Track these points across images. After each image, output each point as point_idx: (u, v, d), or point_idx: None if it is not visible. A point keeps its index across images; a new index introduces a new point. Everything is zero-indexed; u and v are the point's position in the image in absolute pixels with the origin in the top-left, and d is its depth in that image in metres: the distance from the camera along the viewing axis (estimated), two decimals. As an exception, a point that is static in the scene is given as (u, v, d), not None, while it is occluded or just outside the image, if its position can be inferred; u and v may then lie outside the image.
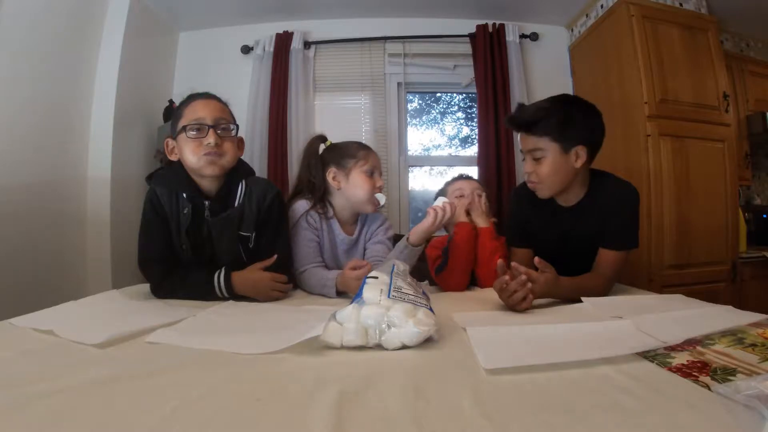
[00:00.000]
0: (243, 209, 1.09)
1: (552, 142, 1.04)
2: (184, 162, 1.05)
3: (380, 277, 0.71)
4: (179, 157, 1.07)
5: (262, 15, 2.51)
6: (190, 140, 1.02)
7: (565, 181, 1.07)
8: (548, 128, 1.03)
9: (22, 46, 1.67)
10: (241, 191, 1.10)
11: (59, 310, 0.83)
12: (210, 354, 0.59)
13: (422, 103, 2.91)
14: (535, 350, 0.59)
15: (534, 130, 1.06)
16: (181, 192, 1.06)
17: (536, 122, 1.05)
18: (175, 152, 1.08)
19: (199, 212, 1.06)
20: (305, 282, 1.16)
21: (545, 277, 0.89)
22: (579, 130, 1.04)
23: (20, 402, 0.42)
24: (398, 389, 0.47)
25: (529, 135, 1.07)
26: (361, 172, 1.20)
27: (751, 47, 2.69)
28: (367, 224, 1.29)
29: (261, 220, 1.10)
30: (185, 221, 1.05)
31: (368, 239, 1.28)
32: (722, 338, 0.62)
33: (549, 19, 2.57)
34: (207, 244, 1.07)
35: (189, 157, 1.03)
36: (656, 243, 1.88)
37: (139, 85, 2.25)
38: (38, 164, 1.77)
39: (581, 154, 1.04)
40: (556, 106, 1.05)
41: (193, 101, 1.06)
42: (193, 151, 1.02)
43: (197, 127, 1.02)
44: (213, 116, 1.04)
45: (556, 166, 1.05)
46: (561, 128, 1.03)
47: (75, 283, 1.97)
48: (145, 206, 1.07)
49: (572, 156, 1.04)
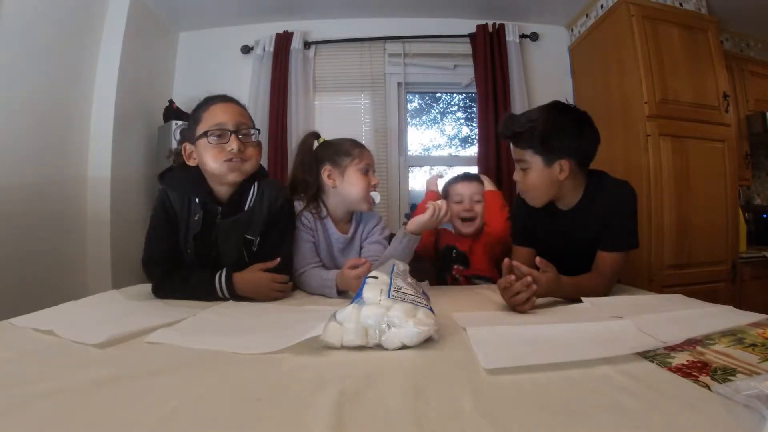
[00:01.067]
0: (253, 213, 1.07)
1: (535, 155, 1.05)
2: (205, 168, 1.03)
3: (380, 277, 0.71)
4: (198, 163, 1.04)
5: (262, 15, 2.51)
6: (211, 146, 1.00)
7: (549, 192, 1.08)
8: (531, 141, 1.04)
9: (22, 46, 1.67)
10: (253, 194, 1.08)
11: (59, 310, 0.83)
12: (210, 354, 0.59)
13: (422, 103, 2.91)
14: (535, 350, 0.58)
15: (518, 142, 1.07)
16: (193, 197, 1.05)
17: (520, 134, 1.06)
18: (194, 157, 1.05)
19: (210, 218, 1.04)
20: (305, 283, 1.15)
21: (547, 277, 0.90)
22: (564, 143, 1.03)
23: (20, 402, 0.42)
24: (398, 389, 0.47)
25: (514, 146, 1.09)
26: (356, 170, 1.19)
27: (751, 47, 2.69)
28: (362, 223, 1.28)
29: (268, 224, 1.08)
30: (195, 227, 1.03)
31: (364, 238, 1.27)
32: (722, 338, 0.62)
33: (549, 19, 2.57)
34: (212, 248, 1.06)
35: (210, 163, 1.00)
36: (656, 243, 1.88)
37: (139, 85, 2.25)
38: (38, 164, 1.77)
39: (564, 168, 1.04)
40: (543, 118, 1.04)
41: (211, 105, 1.03)
42: (215, 158, 1.00)
43: (218, 132, 1.00)
44: (234, 121, 1.02)
45: (540, 178, 1.06)
46: (544, 142, 1.03)
47: (75, 283, 1.97)
48: (156, 206, 1.06)
49: (555, 169, 1.04)
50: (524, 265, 0.88)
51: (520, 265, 0.88)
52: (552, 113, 1.06)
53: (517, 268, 0.87)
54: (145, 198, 2.33)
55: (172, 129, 2.17)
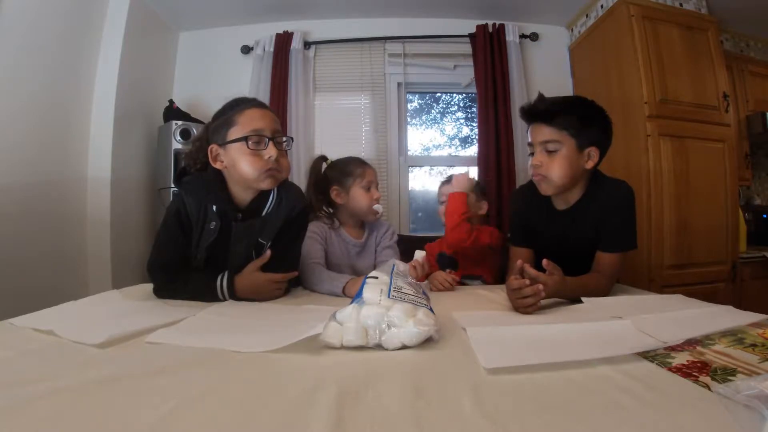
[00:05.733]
0: (269, 218, 1.06)
1: (570, 137, 1.03)
2: (235, 172, 1.00)
3: (380, 277, 0.71)
4: (226, 166, 1.01)
5: (262, 15, 2.51)
6: (248, 152, 0.97)
7: (573, 179, 1.06)
8: (569, 122, 1.03)
9: (22, 45, 1.67)
10: (272, 200, 1.06)
11: (59, 310, 0.83)
12: (210, 353, 0.59)
13: (422, 103, 2.91)
14: (534, 350, 0.59)
15: (554, 121, 1.04)
16: (210, 205, 1.02)
17: (558, 113, 1.04)
18: (221, 159, 1.01)
19: (227, 226, 1.02)
20: (312, 271, 1.18)
21: (554, 280, 0.90)
22: (596, 131, 1.04)
23: (20, 402, 0.42)
24: (398, 389, 0.47)
25: (546, 126, 1.05)
26: (359, 188, 1.33)
27: (751, 47, 2.69)
28: (375, 230, 1.42)
29: (282, 229, 1.07)
30: (210, 235, 1.01)
31: (378, 243, 1.41)
32: (722, 338, 0.62)
33: (549, 19, 2.57)
34: (222, 254, 1.04)
35: (245, 168, 0.98)
36: (656, 243, 1.88)
37: (139, 85, 2.25)
38: (38, 164, 1.77)
39: (593, 156, 1.04)
40: (583, 103, 1.06)
41: (247, 109, 1.01)
42: (251, 164, 0.97)
43: (257, 139, 0.98)
44: (271, 128, 1.00)
45: (569, 162, 1.04)
46: (581, 125, 1.03)
47: (75, 283, 1.97)
48: (169, 211, 1.04)
49: (585, 155, 1.04)
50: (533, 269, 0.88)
51: (529, 268, 0.88)
52: (587, 102, 1.08)
53: (527, 270, 0.88)
54: (145, 198, 2.33)
55: (172, 129, 2.18)
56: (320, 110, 2.56)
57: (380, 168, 2.47)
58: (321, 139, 2.52)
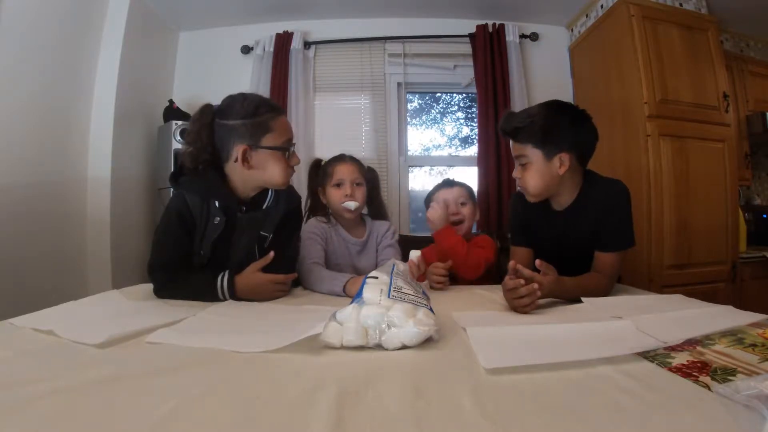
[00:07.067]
0: (270, 211, 1.11)
1: (534, 149, 1.06)
2: (264, 175, 1.04)
3: (380, 277, 0.71)
4: (252, 167, 1.03)
5: (262, 15, 2.51)
6: (284, 160, 1.05)
7: (549, 187, 1.09)
8: (531, 135, 1.06)
9: (22, 46, 1.67)
10: (271, 195, 1.12)
11: (59, 310, 0.83)
12: (210, 353, 0.59)
13: (422, 103, 2.91)
14: (535, 350, 0.59)
15: (518, 137, 1.09)
16: (213, 200, 1.04)
17: (520, 129, 1.07)
18: (248, 161, 1.03)
19: (231, 221, 1.05)
20: (312, 271, 1.19)
21: (548, 280, 0.90)
22: (563, 137, 1.05)
23: (20, 402, 0.42)
24: (398, 389, 0.47)
25: (514, 141, 1.11)
26: (331, 186, 1.35)
27: (751, 47, 2.69)
28: (375, 229, 1.42)
29: (281, 223, 1.12)
30: (215, 230, 1.03)
31: (379, 242, 1.41)
32: (722, 338, 0.62)
33: (549, 19, 2.57)
34: (226, 250, 1.05)
35: (277, 174, 1.05)
36: (656, 243, 1.88)
37: (139, 85, 2.25)
38: (38, 164, 1.77)
39: (564, 161, 1.05)
40: (542, 113, 1.06)
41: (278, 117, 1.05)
42: (283, 171, 1.05)
43: (287, 147, 1.06)
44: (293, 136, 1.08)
45: (540, 173, 1.07)
46: (543, 135, 1.05)
47: (75, 283, 1.97)
48: (169, 211, 1.04)
49: (555, 163, 1.05)
50: (527, 269, 0.89)
51: (522, 269, 0.89)
52: (551, 108, 1.08)
53: (520, 270, 0.88)
54: (145, 198, 2.33)
55: (172, 129, 2.18)
56: (320, 110, 2.56)
57: (380, 168, 2.47)
58: (321, 139, 2.53)
